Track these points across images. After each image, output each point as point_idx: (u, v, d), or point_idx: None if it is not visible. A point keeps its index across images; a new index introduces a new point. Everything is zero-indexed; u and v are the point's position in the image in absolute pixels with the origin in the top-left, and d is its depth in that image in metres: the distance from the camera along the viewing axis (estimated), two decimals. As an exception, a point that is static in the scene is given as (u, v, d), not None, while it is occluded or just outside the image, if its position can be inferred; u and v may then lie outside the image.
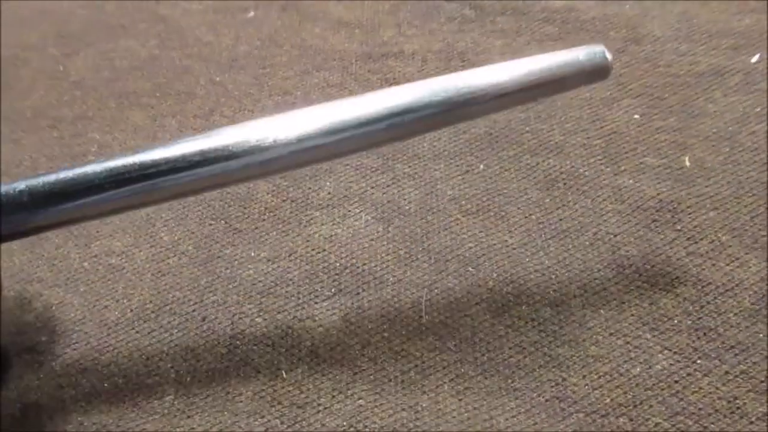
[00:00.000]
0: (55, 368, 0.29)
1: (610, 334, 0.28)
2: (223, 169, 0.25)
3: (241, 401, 0.27)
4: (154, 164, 0.24)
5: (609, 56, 0.26)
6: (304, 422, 0.26)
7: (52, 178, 0.24)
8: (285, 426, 0.26)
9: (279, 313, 0.30)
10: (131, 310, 0.31)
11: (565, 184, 0.34)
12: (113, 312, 0.31)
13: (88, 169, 0.24)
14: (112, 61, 0.45)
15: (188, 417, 0.27)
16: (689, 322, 0.28)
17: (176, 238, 0.34)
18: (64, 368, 0.29)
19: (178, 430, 0.27)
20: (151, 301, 0.31)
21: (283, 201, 0.35)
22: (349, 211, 0.34)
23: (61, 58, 0.46)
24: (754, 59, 0.39)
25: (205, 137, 0.25)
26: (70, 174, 0.24)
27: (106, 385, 0.28)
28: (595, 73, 0.27)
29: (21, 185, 0.24)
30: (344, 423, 0.26)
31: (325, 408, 0.27)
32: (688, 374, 0.27)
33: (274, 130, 0.26)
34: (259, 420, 0.27)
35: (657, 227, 0.32)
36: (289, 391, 0.27)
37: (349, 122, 0.26)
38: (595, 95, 0.38)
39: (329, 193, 0.35)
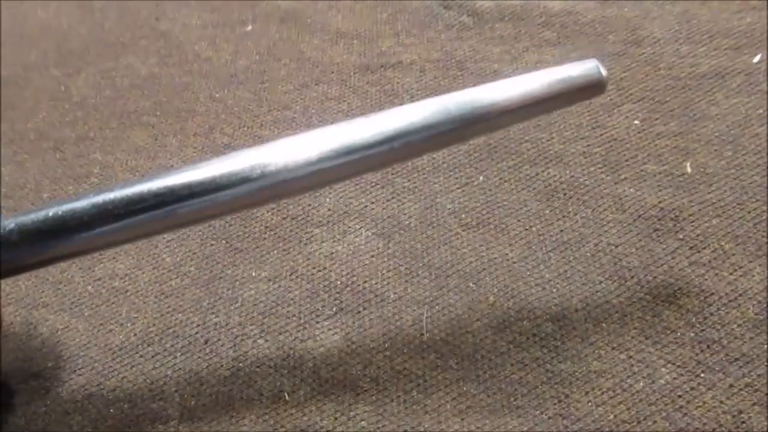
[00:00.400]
0: (62, 394, 0.29)
1: (613, 349, 0.28)
2: (217, 200, 0.24)
3: (245, 425, 0.27)
4: (142, 199, 0.24)
5: (603, 71, 0.26)
6: (307, 445, 0.27)
7: (41, 215, 0.24)
8: (288, 449, 0.27)
9: (281, 333, 0.30)
10: (135, 334, 0.31)
11: (565, 194, 0.34)
12: (118, 336, 0.31)
13: (76, 206, 0.24)
14: (113, 79, 0.45)
15: (193, 442, 0.27)
16: (692, 335, 0.28)
17: (178, 259, 0.34)
18: (70, 394, 0.29)
19: (183, 455, 0.27)
20: (154, 324, 0.31)
21: (284, 219, 0.35)
22: (350, 227, 0.34)
23: (62, 77, 0.46)
24: (756, 59, 0.38)
25: (204, 165, 0.25)
26: (59, 211, 0.23)
27: (111, 410, 0.29)
28: (590, 88, 0.27)
29: (10, 224, 0.24)
30: (347, 445, 0.26)
31: (328, 431, 0.27)
32: (692, 388, 0.26)
33: (280, 155, 0.25)
34: (263, 444, 0.27)
35: (659, 237, 0.31)
36: (291, 413, 0.28)
37: (358, 144, 0.25)
38: (594, 101, 0.38)
39: (329, 210, 0.35)
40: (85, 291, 0.33)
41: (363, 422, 0.27)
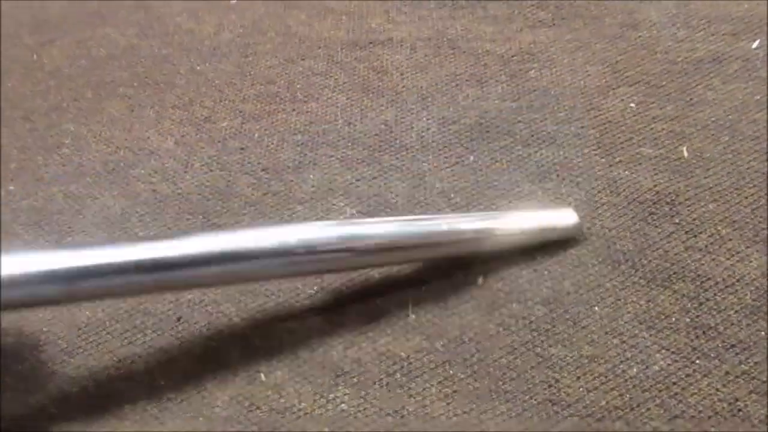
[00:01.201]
0: (22, 372, 0.28)
1: (606, 333, 0.27)
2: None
3: (218, 406, 0.26)
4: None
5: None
6: (283, 428, 0.25)
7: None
8: (263, 432, 0.25)
9: (258, 312, 0.29)
10: (103, 310, 0.29)
11: (558, 175, 0.33)
12: (84, 312, 0.29)
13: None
14: (89, 49, 0.43)
15: (161, 423, 0.26)
16: (688, 320, 0.27)
17: (152, 234, 0.32)
18: (31, 372, 0.28)
19: (150, 437, 0.25)
20: (124, 301, 0.30)
21: (265, 194, 0.33)
22: (334, 205, 0.33)
23: (35, 46, 0.44)
24: (754, 45, 0.38)
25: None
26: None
27: (75, 389, 0.27)
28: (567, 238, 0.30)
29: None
30: (326, 429, 0.25)
31: (306, 413, 0.25)
32: (687, 375, 0.25)
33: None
34: (236, 426, 0.25)
35: (654, 220, 0.30)
36: (267, 395, 0.26)
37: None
38: (589, 83, 0.37)
39: (313, 186, 0.33)
40: (51, 265, 0.31)
41: (343, 404, 0.25)
